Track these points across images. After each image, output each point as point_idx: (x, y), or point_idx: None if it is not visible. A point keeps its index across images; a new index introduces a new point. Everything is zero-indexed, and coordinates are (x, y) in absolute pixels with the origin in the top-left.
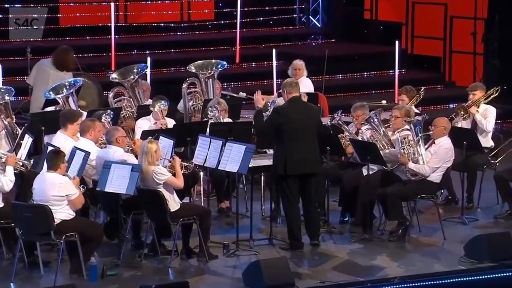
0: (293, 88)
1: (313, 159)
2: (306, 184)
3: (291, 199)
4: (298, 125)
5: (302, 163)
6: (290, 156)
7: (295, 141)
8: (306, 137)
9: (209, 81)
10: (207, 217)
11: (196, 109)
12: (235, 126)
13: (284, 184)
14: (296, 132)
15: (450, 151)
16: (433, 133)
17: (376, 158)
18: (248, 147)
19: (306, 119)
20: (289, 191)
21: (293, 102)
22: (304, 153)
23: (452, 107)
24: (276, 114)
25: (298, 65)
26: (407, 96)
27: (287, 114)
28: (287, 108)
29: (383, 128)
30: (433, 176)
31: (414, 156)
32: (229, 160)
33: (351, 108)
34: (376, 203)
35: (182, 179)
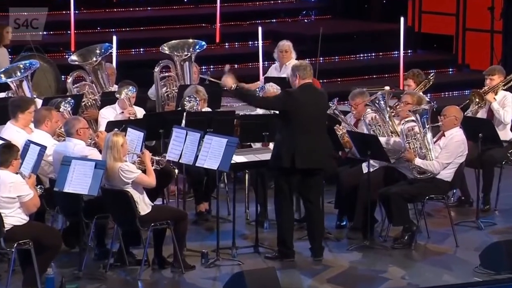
0: (307, 72)
1: (324, 153)
2: (311, 181)
3: (288, 199)
4: (310, 114)
5: (311, 156)
6: (299, 148)
7: (306, 132)
8: (318, 128)
9: (185, 64)
10: (183, 222)
11: (170, 96)
12: (215, 116)
13: (285, 180)
14: (308, 121)
15: (462, 144)
16: (443, 123)
17: (377, 152)
18: (230, 140)
19: (320, 109)
20: (288, 189)
21: (306, 88)
22: (314, 145)
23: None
24: (288, 98)
25: (284, 46)
26: (414, 81)
27: (299, 100)
28: (299, 94)
29: (388, 114)
30: (443, 173)
31: (421, 151)
32: (208, 155)
33: (349, 96)
34: (378, 205)
35: (153, 176)
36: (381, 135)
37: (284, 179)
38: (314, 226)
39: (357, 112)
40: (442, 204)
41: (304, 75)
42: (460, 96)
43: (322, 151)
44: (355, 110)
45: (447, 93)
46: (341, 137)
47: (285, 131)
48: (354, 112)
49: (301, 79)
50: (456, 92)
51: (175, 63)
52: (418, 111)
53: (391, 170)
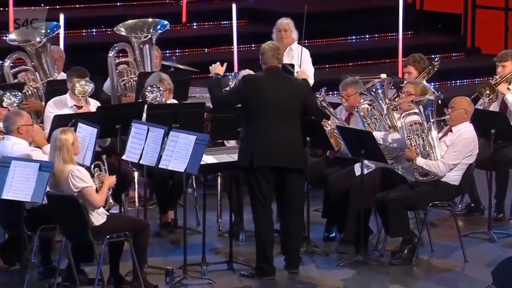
0: (268, 57)
1: (294, 150)
2: (284, 184)
3: (264, 204)
4: (275, 102)
5: (276, 152)
6: (259, 143)
7: (270, 123)
8: (285, 119)
9: (145, 47)
10: (144, 233)
11: (127, 86)
12: (182, 109)
13: (254, 182)
14: (272, 111)
15: (472, 142)
16: (450, 117)
17: (373, 151)
18: (200, 137)
19: (288, 96)
20: (259, 193)
21: (270, 72)
22: (281, 140)
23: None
24: (246, 83)
25: (283, 24)
26: (415, 68)
27: (261, 86)
28: (262, 79)
29: (387, 106)
30: (449, 176)
31: (424, 150)
32: (173, 155)
33: (339, 85)
34: (373, 213)
35: (103, 199)
36: (377, 130)
37: (253, 182)
38: (289, 235)
39: (348, 104)
40: (448, 212)
41: (266, 60)
42: (470, 85)
43: (291, 146)
44: (347, 102)
45: (455, 82)
46: (329, 134)
47: (246, 124)
48: (345, 105)
49: (265, 63)
50: (465, 81)
51: (133, 47)
52: (421, 102)
53: (388, 172)
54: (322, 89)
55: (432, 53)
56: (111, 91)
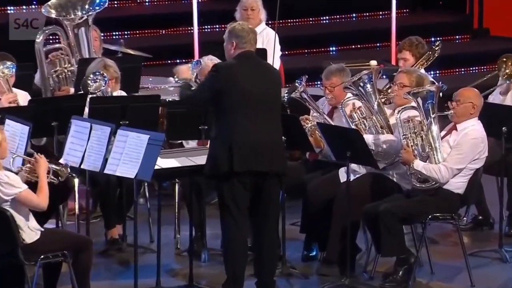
0: (245, 37)
1: (277, 151)
2: (261, 191)
3: (237, 216)
4: (255, 94)
5: (259, 154)
6: (239, 144)
7: (249, 120)
8: (267, 114)
9: (81, 31)
10: (86, 252)
11: (61, 78)
12: (132, 102)
13: (227, 190)
14: (252, 105)
15: (481, 142)
16: (455, 112)
17: (361, 153)
18: (154, 136)
19: (268, 87)
20: (233, 202)
21: (244, 59)
22: (263, 139)
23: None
24: (219, 73)
25: (251, 3)
26: (411, 53)
27: (237, 76)
28: (237, 67)
29: (377, 101)
30: (453, 183)
31: (424, 151)
32: (122, 158)
33: (322, 74)
34: (361, 227)
35: (46, 194)
36: (367, 132)
37: (227, 189)
38: (264, 255)
39: (333, 97)
40: (451, 227)
41: (242, 42)
42: (477, 74)
43: (273, 147)
44: (331, 93)
45: (459, 70)
46: (309, 132)
47: (219, 121)
48: (329, 97)
49: (238, 48)
50: (472, 68)
51: (66, 30)
52: (420, 94)
53: (380, 179)
54: (302, 77)
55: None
56: (41, 84)
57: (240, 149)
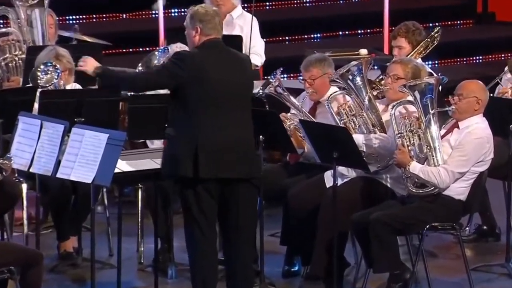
0: (210, 21)
1: (248, 153)
2: (231, 199)
3: (204, 225)
4: (223, 88)
5: (227, 158)
6: (205, 146)
7: (216, 118)
8: (236, 111)
9: (34, 12)
10: (36, 268)
11: (11, 66)
12: (88, 96)
13: (193, 198)
14: (220, 101)
15: (486, 143)
16: (457, 108)
17: (349, 154)
18: (113, 135)
19: (239, 79)
20: (200, 213)
21: (211, 48)
22: (232, 140)
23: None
24: (184, 63)
25: None
26: (407, 40)
27: (204, 66)
28: (204, 56)
29: (368, 96)
30: (454, 188)
31: (421, 152)
32: (77, 161)
33: (301, 65)
34: (350, 238)
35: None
36: (357, 131)
37: (192, 197)
38: (237, 271)
39: (314, 91)
40: (452, 238)
41: (208, 28)
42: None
43: (244, 149)
44: (311, 87)
45: (462, 60)
46: (289, 131)
47: (181, 119)
48: (309, 91)
49: (202, 34)
50: (476, 58)
51: (17, 12)
52: (418, 87)
53: (371, 183)
54: (277, 71)
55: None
56: None
57: (207, 151)
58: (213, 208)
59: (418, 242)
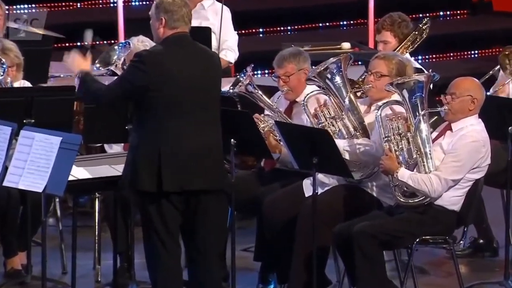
0: (176, 12)
1: (217, 162)
2: (197, 212)
3: (167, 243)
4: (192, 90)
5: (194, 168)
6: (169, 155)
7: (182, 125)
8: (205, 115)
9: None
10: None
11: None
12: (39, 95)
13: (154, 211)
14: (187, 104)
15: (482, 146)
16: (450, 109)
17: (330, 160)
18: (67, 139)
19: (208, 79)
20: (162, 226)
21: (176, 44)
22: (200, 147)
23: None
24: (146, 65)
25: None
26: (393, 34)
27: (166, 68)
28: (166, 57)
29: (348, 96)
30: (447, 197)
31: (410, 157)
32: (26, 167)
33: (274, 60)
34: (332, 253)
35: None
36: (337, 136)
37: (154, 213)
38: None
39: (289, 89)
40: (445, 252)
41: (174, 19)
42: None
43: (212, 158)
44: (286, 85)
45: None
46: (264, 134)
47: (144, 125)
48: (284, 89)
49: (168, 27)
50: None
51: None
52: (406, 86)
53: (354, 192)
54: (247, 68)
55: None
56: None
57: (172, 162)
58: (177, 220)
59: (407, 257)
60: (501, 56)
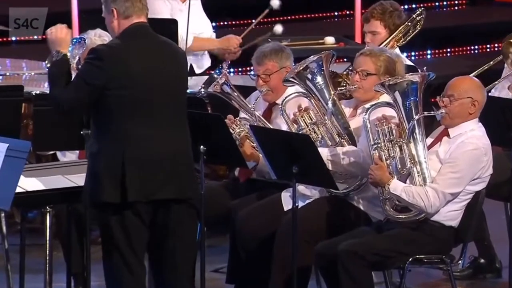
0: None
1: (185, 169)
2: (163, 226)
3: (132, 263)
4: (152, 91)
5: (160, 176)
6: (134, 162)
7: (147, 129)
8: (171, 117)
9: None
10: None
11: None
12: None
13: (116, 224)
14: (149, 107)
15: (483, 154)
16: (447, 112)
17: (312, 169)
18: (14, 145)
19: (173, 77)
20: (126, 243)
21: (135, 37)
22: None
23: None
24: (103, 63)
25: None
26: (383, 24)
27: (126, 65)
28: (125, 52)
29: (332, 98)
30: (444, 212)
31: (403, 167)
32: None
33: (253, 57)
34: (314, 274)
35: None
36: (319, 143)
37: (116, 224)
38: None
39: (269, 89)
40: (442, 273)
41: (125, 7)
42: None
43: (180, 163)
44: (266, 84)
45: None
46: (238, 140)
47: (104, 129)
48: (263, 90)
49: (121, 17)
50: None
51: None
52: (398, 87)
53: (339, 206)
54: (222, 64)
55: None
56: None
57: (137, 169)
58: (142, 237)
59: (398, 279)
60: (505, 44)
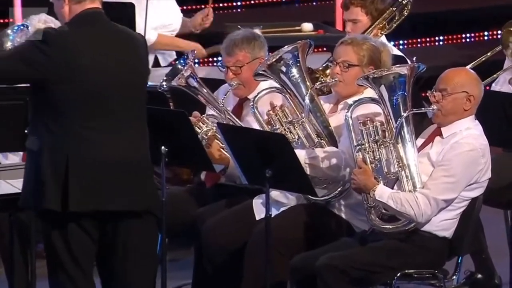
0: None
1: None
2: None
3: (78, 280)
4: (105, 84)
5: (109, 183)
6: (79, 166)
7: (97, 127)
8: (127, 115)
9: None
10: None
11: None
12: None
13: (60, 239)
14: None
15: (481, 156)
16: (440, 109)
17: (288, 173)
18: None
19: (129, 70)
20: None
21: (88, 24)
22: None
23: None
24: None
25: None
26: (364, 10)
27: (74, 51)
28: (75, 39)
29: (309, 93)
30: (436, 221)
31: (390, 171)
32: None
33: (221, 46)
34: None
35: None
36: (295, 145)
37: (59, 237)
38: None
39: (240, 83)
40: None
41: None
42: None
43: (135, 167)
44: (237, 77)
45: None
46: (205, 139)
47: (46, 126)
48: (233, 83)
49: (73, 2)
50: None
51: None
52: (384, 80)
53: (318, 214)
54: (188, 54)
55: None
56: None
57: (82, 174)
58: (90, 251)
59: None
60: (504, 32)
